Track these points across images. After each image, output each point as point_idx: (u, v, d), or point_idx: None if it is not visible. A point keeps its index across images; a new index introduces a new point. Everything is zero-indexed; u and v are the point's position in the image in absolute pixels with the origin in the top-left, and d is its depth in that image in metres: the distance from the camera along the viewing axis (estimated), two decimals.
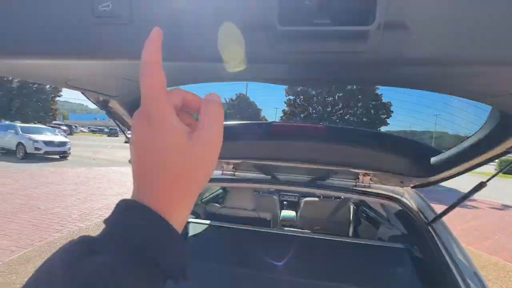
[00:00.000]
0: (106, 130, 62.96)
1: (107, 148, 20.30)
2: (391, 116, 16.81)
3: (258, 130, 1.23)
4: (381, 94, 16.32)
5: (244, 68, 0.34)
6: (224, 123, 0.32)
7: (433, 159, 1.01)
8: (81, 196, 6.13)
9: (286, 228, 2.58)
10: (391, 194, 1.23)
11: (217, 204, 2.03)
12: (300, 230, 2.35)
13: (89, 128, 71.78)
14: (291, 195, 3.81)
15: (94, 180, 7.95)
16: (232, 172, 1.40)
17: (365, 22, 0.26)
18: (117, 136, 43.94)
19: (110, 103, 0.82)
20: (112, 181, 8.07)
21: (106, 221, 0.27)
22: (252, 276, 1.23)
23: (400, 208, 1.18)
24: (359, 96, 16.55)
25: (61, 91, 27.92)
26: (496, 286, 3.34)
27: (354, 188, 1.28)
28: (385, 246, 1.43)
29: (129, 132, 0.99)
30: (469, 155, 0.85)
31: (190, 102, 0.32)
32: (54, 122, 28.85)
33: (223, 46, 0.31)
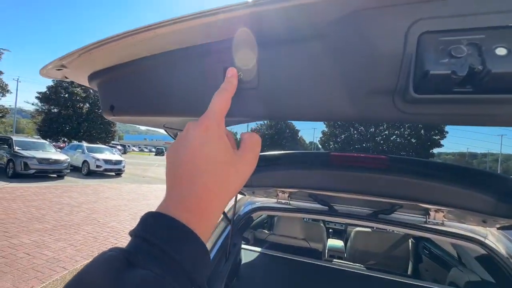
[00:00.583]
0: (153, 149, 68.78)
1: (154, 166, 21.97)
2: (445, 137, 15.19)
3: (316, 159, 1.22)
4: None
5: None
6: (281, 152, 0.43)
7: None
8: (132, 211, 6.63)
9: (335, 261, 2.42)
10: (471, 234, 1.08)
11: (265, 231, 2.01)
12: (352, 263, 2.18)
13: (139, 147, 78.87)
14: (337, 222, 3.60)
15: (144, 197, 8.58)
16: (287, 201, 1.39)
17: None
18: (163, 155, 47.46)
19: None
20: (159, 197, 8.61)
21: (135, 234, 0.27)
22: None
23: (483, 252, 1.03)
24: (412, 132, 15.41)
25: None
26: None
27: (423, 225, 1.16)
28: None
29: None
30: None
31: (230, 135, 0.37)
32: (112, 142, 32.54)
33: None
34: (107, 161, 12.78)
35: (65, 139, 28.44)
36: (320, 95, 0.35)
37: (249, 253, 1.51)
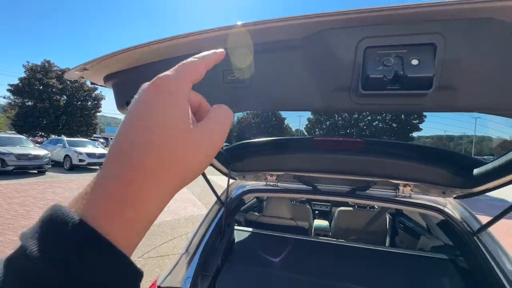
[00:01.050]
0: None
1: None
2: (423, 121, 15.90)
3: (300, 144, 1.34)
4: None
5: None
6: (268, 138, 0.50)
7: (476, 170, 1.04)
8: None
9: (321, 238, 2.62)
10: (433, 204, 1.26)
11: (256, 213, 2.15)
12: (336, 240, 2.38)
13: None
14: (322, 204, 3.82)
15: None
16: (275, 183, 1.51)
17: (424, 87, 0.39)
18: None
19: None
20: None
21: (31, 240, 0.20)
22: (292, 279, 1.32)
23: (443, 218, 1.21)
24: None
25: (100, 106, 30.54)
26: None
27: (394, 198, 1.33)
28: (428, 256, 1.44)
29: None
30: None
31: (203, 108, 0.31)
32: (94, 135, 31.50)
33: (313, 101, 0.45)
34: (90, 155, 12.45)
35: (43, 134, 27.16)
36: (297, 92, 0.46)
37: (241, 233, 1.65)
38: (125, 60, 0.52)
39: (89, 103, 29.72)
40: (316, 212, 3.72)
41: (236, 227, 1.72)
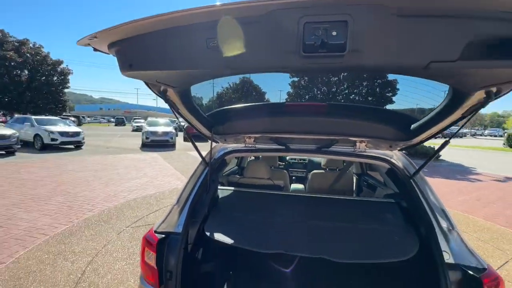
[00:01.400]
0: (112, 119, 63.92)
1: (116, 137, 20.90)
2: (396, 94, 16.64)
3: (273, 109, 1.52)
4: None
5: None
6: (245, 104, 0.70)
7: (413, 126, 1.29)
8: (103, 181, 6.60)
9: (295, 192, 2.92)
10: (382, 156, 1.52)
11: (237, 176, 2.36)
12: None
13: (95, 118, 72.56)
14: (299, 171, 4.14)
15: (113, 167, 8.44)
16: (253, 145, 1.70)
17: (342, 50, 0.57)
18: (124, 125, 44.74)
19: (168, 93, 1.11)
20: (128, 167, 8.55)
21: None
22: (269, 221, 1.57)
23: (389, 167, 1.48)
24: (364, 75, 16.36)
25: (68, 82, 28.23)
26: (488, 246, 3.68)
27: (352, 152, 1.58)
28: (380, 201, 1.75)
29: (181, 120, 1.29)
30: (437, 120, 1.13)
31: None
32: (64, 114, 29.44)
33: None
34: (63, 133, 11.90)
35: (5, 112, 25.03)
36: (260, 55, 0.63)
37: (224, 191, 1.86)
38: (129, 30, 0.65)
39: (55, 78, 27.29)
40: (293, 178, 4.05)
41: (220, 187, 1.93)
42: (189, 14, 0.58)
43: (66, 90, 28.63)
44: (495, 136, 45.37)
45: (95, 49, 0.79)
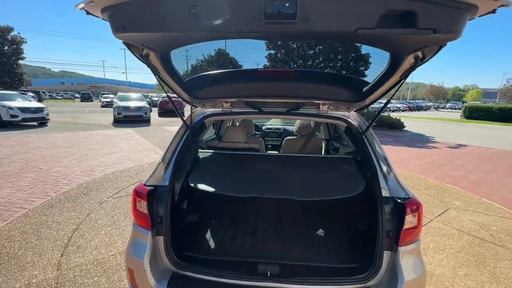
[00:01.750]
0: (77, 94, 58.98)
1: (84, 113, 19.66)
2: (369, 67, 17.22)
3: (248, 75, 1.67)
4: (360, 46, 16.52)
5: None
6: (221, 70, 0.89)
7: (364, 89, 1.52)
8: (76, 156, 6.42)
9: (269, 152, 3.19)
10: (342, 116, 1.77)
11: (215, 141, 2.53)
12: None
13: (57, 93, 66.56)
14: (274, 139, 4.40)
15: (84, 143, 8.14)
16: (230, 109, 1.85)
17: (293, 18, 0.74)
18: (92, 100, 41.74)
19: (150, 57, 1.22)
20: (102, 142, 8.30)
21: None
22: (246, 174, 1.81)
23: (346, 125, 1.74)
24: (339, 49, 16.61)
25: (23, 53, 25.21)
26: (434, 199, 4.32)
27: (317, 114, 1.80)
28: (340, 157, 2.04)
29: (155, 94, 1.40)
30: (382, 83, 1.36)
31: None
32: (21, 89, 26.62)
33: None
34: (24, 110, 10.99)
35: None
36: (231, 21, 0.77)
37: (205, 154, 2.04)
38: None
39: (6, 47, 24.21)
40: (269, 146, 4.31)
41: (200, 150, 2.09)
42: None
43: (20, 62, 25.66)
44: (455, 108, 49.14)
45: (87, 13, 0.86)
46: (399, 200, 1.32)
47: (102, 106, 27.46)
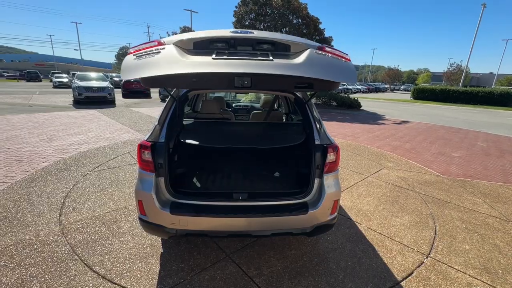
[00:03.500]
0: (21, 74, 52.09)
1: (35, 94, 17.99)
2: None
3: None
4: (324, 29, 17.26)
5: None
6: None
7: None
8: (43, 137, 6.33)
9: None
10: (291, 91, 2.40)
11: (194, 113, 3.04)
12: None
13: None
14: (243, 115, 4.99)
15: (48, 124, 7.87)
16: None
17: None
18: (40, 80, 37.57)
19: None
20: (67, 124, 8.09)
21: None
22: (222, 132, 2.40)
23: (294, 97, 2.37)
24: (304, 31, 17.17)
25: None
26: (372, 162, 5.35)
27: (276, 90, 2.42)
28: (292, 123, 2.71)
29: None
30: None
31: None
32: None
33: None
34: None
35: None
36: (216, 86, 1.30)
37: (188, 121, 2.55)
38: None
39: None
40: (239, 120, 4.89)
41: (184, 119, 2.60)
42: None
43: None
44: (408, 90, 53.91)
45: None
46: (324, 145, 2.01)
47: (55, 87, 25.12)
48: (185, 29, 37.63)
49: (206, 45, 1.73)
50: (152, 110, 11.89)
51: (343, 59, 1.65)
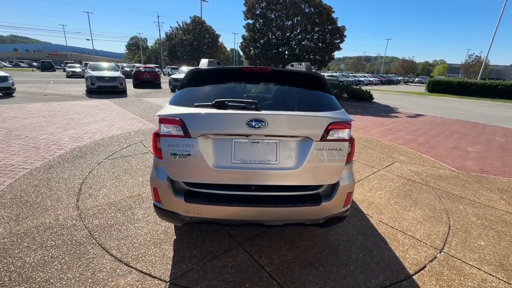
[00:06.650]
0: (34, 63, 53.29)
1: (50, 83, 18.41)
2: (344, 41, 17.66)
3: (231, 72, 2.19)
4: (337, 18, 16.71)
5: None
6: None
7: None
8: (59, 125, 6.50)
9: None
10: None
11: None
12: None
13: (10, 61, 59.76)
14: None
15: (63, 113, 8.07)
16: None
17: None
18: (54, 70, 38.35)
19: None
20: (81, 113, 8.27)
21: None
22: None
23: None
24: (317, 20, 16.70)
25: None
26: (385, 156, 5.25)
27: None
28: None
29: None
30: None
31: None
32: None
33: None
34: None
35: None
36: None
37: None
38: None
39: None
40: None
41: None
42: None
43: None
44: (422, 83, 52.15)
45: None
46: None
47: (68, 76, 25.60)
48: (195, 19, 37.03)
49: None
50: (162, 100, 11.99)
51: None
